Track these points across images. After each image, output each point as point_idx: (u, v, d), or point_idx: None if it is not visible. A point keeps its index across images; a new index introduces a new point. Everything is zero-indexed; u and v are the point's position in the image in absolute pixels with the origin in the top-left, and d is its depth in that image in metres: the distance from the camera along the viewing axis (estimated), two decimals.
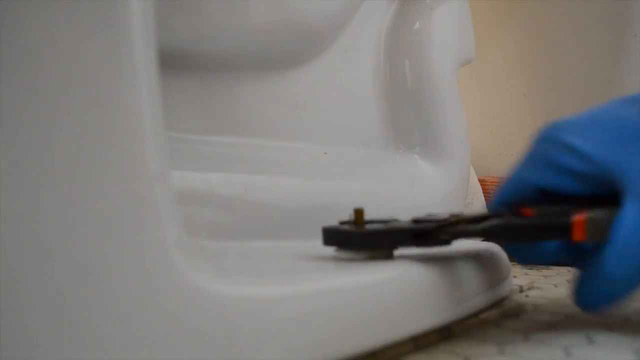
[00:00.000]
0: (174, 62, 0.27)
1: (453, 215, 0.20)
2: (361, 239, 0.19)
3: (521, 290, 0.32)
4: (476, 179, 0.57)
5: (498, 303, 0.25)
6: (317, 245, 0.21)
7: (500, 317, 0.24)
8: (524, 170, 0.22)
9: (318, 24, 0.30)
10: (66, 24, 0.12)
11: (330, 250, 0.21)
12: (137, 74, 0.13)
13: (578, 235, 0.19)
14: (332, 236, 0.20)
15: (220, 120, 0.28)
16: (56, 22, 0.12)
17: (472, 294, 0.22)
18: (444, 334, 0.21)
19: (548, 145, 0.21)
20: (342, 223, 0.20)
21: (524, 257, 0.24)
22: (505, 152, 0.62)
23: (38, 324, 0.11)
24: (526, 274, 0.42)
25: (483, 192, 0.57)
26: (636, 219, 0.18)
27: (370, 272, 0.18)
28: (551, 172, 0.21)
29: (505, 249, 0.26)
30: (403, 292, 0.18)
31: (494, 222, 0.20)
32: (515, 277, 0.37)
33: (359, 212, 0.20)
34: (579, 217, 0.19)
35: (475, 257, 0.24)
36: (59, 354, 0.11)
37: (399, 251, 0.21)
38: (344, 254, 0.20)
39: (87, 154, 0.12)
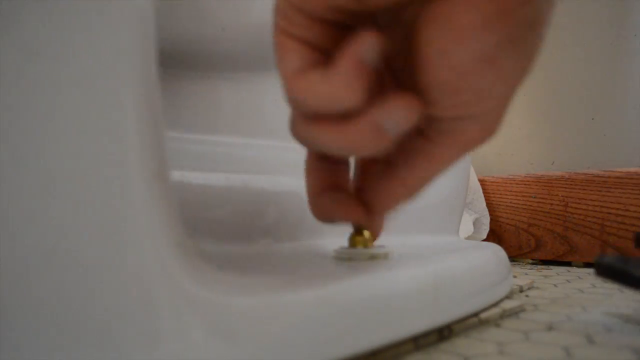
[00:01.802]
0: (174, 62, 0.27)
1: None
2: None
3: (521, 290, 0.32)
4: (476, 179, 0.57)
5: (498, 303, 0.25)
6: (316, 245, 0.21)
7: (500, 317, 0.24)
8: None
9: None
10: (66, 24, 0.12)
11: (330, 251, 0.21)
12: (137, 74, 0.13)
13: None
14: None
15: (220, 120, 0.28)
16: (56, 23, 0.12)
17: (471, 295, 0.22)
18: (444, 334, 0.21)
19: None
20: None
21: None
22: (505, 152, 0.62)
23: (38, 324, 0.11)
24: (526, 274, 0.42)
25: (483, 192, 0.57)
26: None
27: (370, 273, 0.18)
28: None
29: None
30: (404, 291, 0.18)
31: None
32: (515, 277, 0.37)
33: None
34: None
35: (476, 257, 0.24)
36: (58, 353, 0.11)
37: (397, 251, 0.21)
38: (343, 255, 0.20)
39: (86, 154, 0.12)
